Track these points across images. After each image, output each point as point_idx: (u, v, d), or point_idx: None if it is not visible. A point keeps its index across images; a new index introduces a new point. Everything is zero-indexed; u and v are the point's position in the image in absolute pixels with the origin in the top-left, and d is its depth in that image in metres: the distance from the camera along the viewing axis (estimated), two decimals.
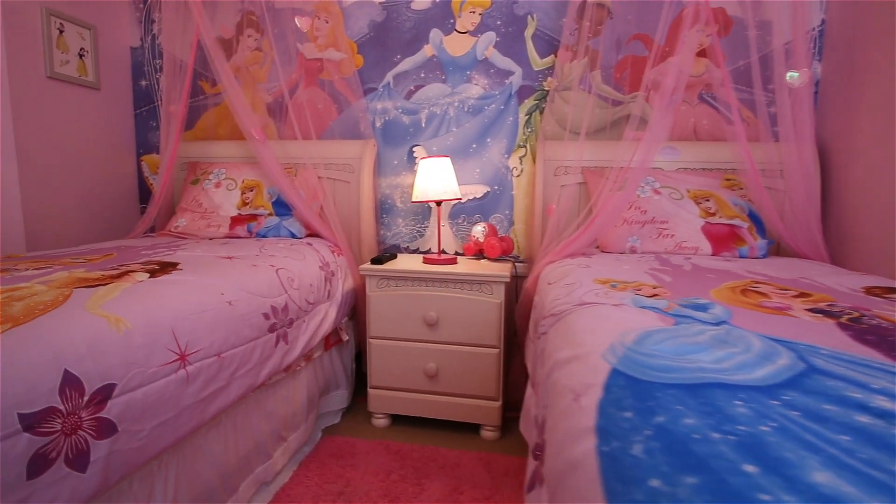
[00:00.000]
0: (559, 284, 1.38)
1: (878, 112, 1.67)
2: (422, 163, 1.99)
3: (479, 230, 2.12)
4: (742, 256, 1.74)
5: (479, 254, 2.12)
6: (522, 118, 2.21)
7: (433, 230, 2.32)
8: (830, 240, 1.85)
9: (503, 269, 1.84)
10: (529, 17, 2.16)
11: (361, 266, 1.92)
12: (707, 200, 1.85)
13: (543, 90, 2.18)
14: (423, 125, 2.29)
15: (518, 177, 2.24)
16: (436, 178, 1.94)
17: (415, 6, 2.24)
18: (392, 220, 2.36)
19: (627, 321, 0.92)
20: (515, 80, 2.20)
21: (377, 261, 1.94)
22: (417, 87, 2.28)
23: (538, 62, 2.18)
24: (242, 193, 2.14)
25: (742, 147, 1.81)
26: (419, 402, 1.89)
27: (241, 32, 2.39)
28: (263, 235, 2.05)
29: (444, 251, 2.28)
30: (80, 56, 2.23)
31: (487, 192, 2.26)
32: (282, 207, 2.12)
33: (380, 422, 1.94)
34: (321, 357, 1.86)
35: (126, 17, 2.49)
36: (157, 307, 1.11)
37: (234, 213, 2.10)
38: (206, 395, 1.17)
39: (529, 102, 2.20)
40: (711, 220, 1.80)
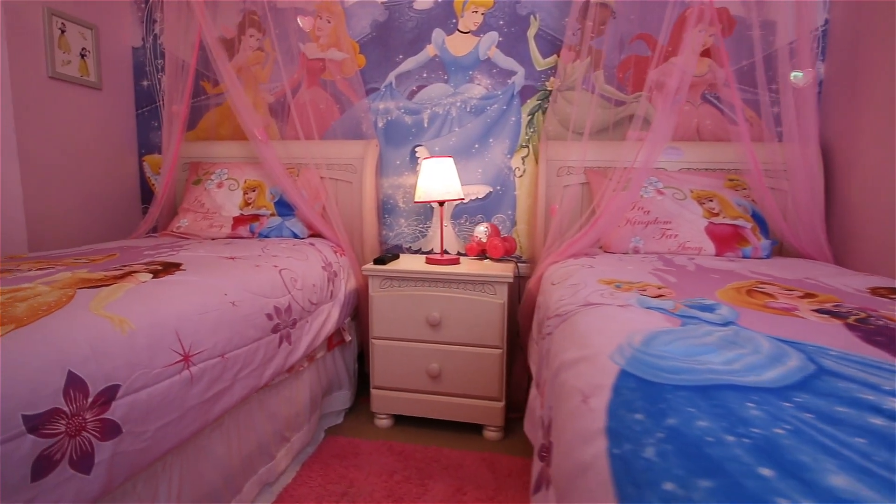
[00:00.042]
0: (563, 285, 1.38)
1: (882, 112, 1.66)
2: (424, 163, 1.99)
3: (482, 230, 2.11)
4: (745, 257, 1.73)
5: (482, 254, 2.12)
6: (525, 118, 2.21)
7: (435, 230, 2.31)
8: (833, 240, 1.85)
9: (506, 270, 1.84)
10: (532, 17, 2.15)
11: (364, 266, 1.92)
12: (710, 201, 1.85)
13: (546, 90, 2.18)
14: (426, 125, 2.29)
15: (520, 177, 2.23)
16: (439, 179, 1.94)
17: (417, 6, 2.24)
18: (394, 221, 2.35)
19: (634, 322, 0.91)
20: (518, 80, 2.20)
21: (380, 261, 1.94)
22: (420, 87, 2.28)
23: (541, 62, 2.17)
24: (245, 194, 2.14)
25: (746, 147, 1.81)
26: (422, 403, 1.89)
27: (243, 32, 2.39)
28: (266, 236, 2.04)
29: (447, 251, 2.28)
30: (82, 56, 2.23)
31: (490, 193, 2.26)
32: (284, 208, 2.12)
33: (382, 422, 1.94)
34: (324, 357, 1.85)
35: (128, 17, 2.49)
36: (161, 308, 1.11)
37: (237, 214, 2.09)
38: (210, 396, 1.16)
39: (532, 102, 2.20)
40: (715, 221, 1.80)
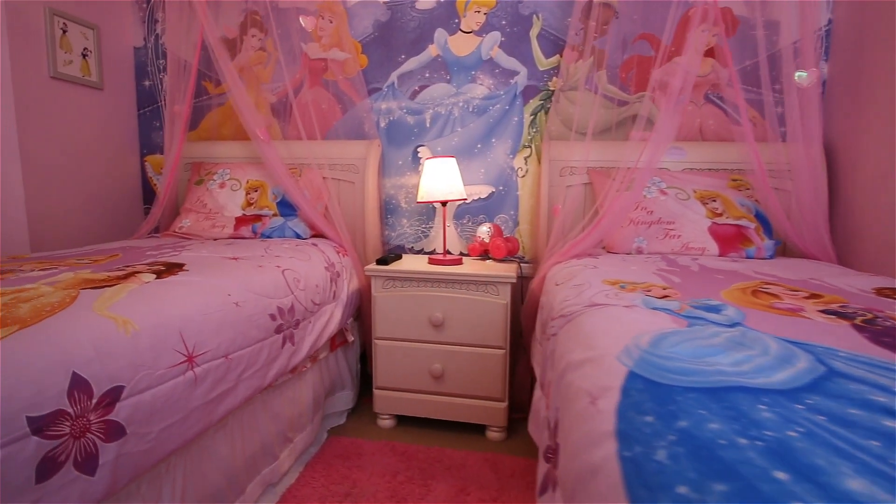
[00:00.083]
0: (567, 285, 1.38)
1: (885, 112, 1.66)
2: (427, 163, 1.98)
3: (485, 230, 2.11)
4: (749, 257, 1.73)
5: (485, 254, 2.12)
6: (527, 118, 2.20)
7: (438, 230, 2.31)
8: (836, 240, 1.84)
9: (509, 270, 1.84)
10: (535, 17, 2.15)
11: (367, 267, 1.91)
12: (713, 201, 1.85)
13: (549, 90, 2.17)
14: (428, 125, 2.28)
15: (523, 177, 2.23)
16: (441, 179, 1.93)
17: (419, 6, 2.23)
18: (396, 221, 2.35)
19: (640, 323, 0.91)
20: (520, 80, 2.19)
21: (382, 261, 1.93)
22: (422, 88, 2.27)
23: (543, 62, 2.17)
24: (247, 194, 2.13)
25: (750, 147, 1.80)
26: (425, 403, 1.88)
27: (245, 32, 2.38)
28: (268, 236, 2.04)
29: (449, 252, 2.27)
30: (84, 56, 2.22)
31: (492, 193, 2.26)
32: (286, 208, 2.11)
33: (385, 422, 1.94)
34: (327, 358, 1.85)
35: (129, 17, 2.48)
36: (165, 308, 1.10)
37: (239, 214, 2.09)
38: (214, 397, 1.16)
39: (534, 102, 2.19)
40: (718, 221, 1.80)
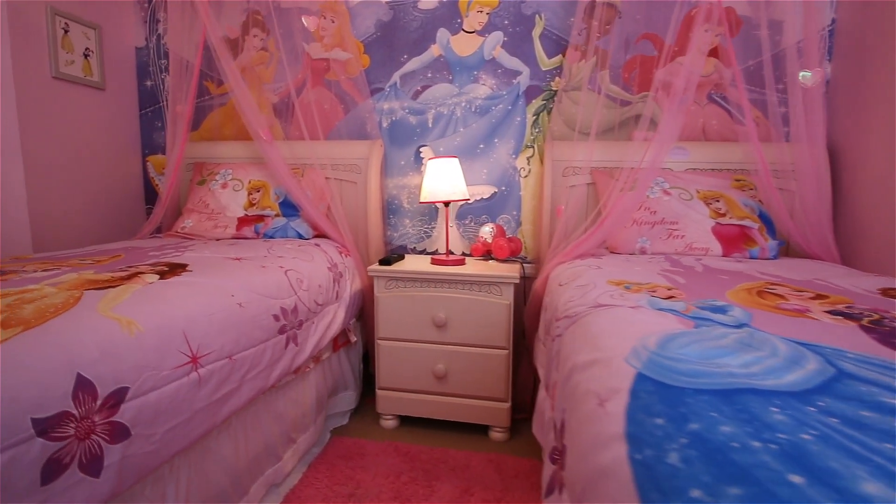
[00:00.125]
0: (571, 286, 1.37)
1: (889, 112, 1.65)
2: (430, 163, 1.98)
3: (487, 231, 2.11)
4: (753, 257, 1.73)
5: (487, 255, 2.11)
6: (530, 118, 2.20)
7: (440, 231, 2.30)
8: (840, 240, 1.84)
9: (512, 270, 1.83)
10: (537, 17, 2.15)
11: (370, 267, 1.91)
12: (717, 201, 1.84)
13: (551, 90, 2.17)
14: (430, 125, 2.28)
15: (525, 177, 2.23)
16: (444, 179, 1.93)
17: (422, 6, 2.23)
18: (399, 221, 2.34)
19: (647, 324, 0.91)
20: (523, 80, 2.19)
21: (385, 262, 1.93)
22: (424, 88, 2.27)
23: (546, 62, 2.16)
24: (249, 194, 2.13)
25: (754, 147, 1.80)
26: (427, 404, 1.88)
27: (247, 32, 2.38)
28: (271, 236, 2.04)
29: (452, 252, 2.27)
30: (85, 56, 2.22)
31: (495, 193, 2.25)
32: (289, 208, 2.11)
33: (388, 423, 1.93)
34: (329, 358, 1.85)
35: (131, 17, 2.48)
36: (168, 309, 1.10)
37: (241, 214, 2.09)
38: (218, 398, 1.16)
39: (537, 102, 2.19)
40: (722, 221, 1.79)
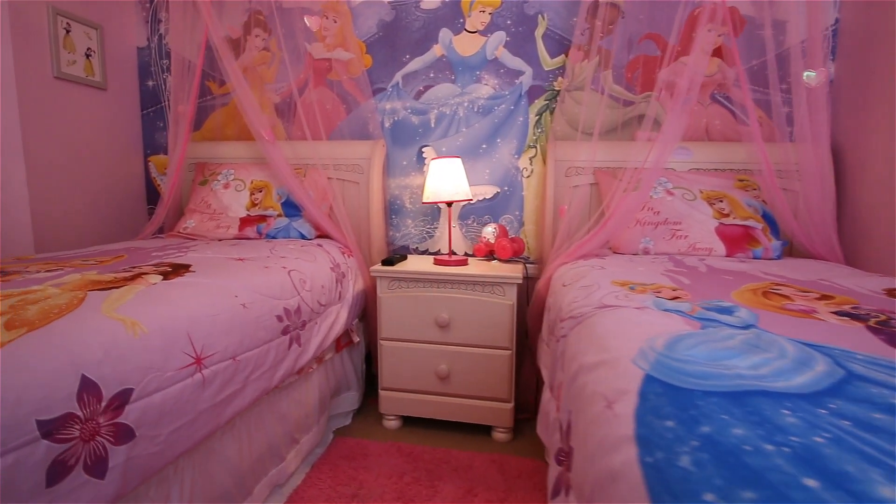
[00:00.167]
0: (575, 286, 1.37)
1: (892, 112, 1.65)
2: (433, 163, 1.98)
3: (490, 231, 2.10)
4: (756, 258, 1.72)
5: (490, 255, 2.11)
6: (533, 118, 2.20)
7: (443, 231, 2.30)
8: (843, 240, 1.84)
9: (515, 271, 1.83)
10: (540, 17, 2.14)
11: (372, 268, 1.91)
12: (720, 201, 1.84)
13: (554, 90, 2.16)
14: (433, 125, 2.28)
15: (528, 177, 2.22)
16: (447, 179, 1.93)
17: (424, 6, 2.22)
18: (401, 221, 2.34)
19: (653, 325, 0.90)
20: (526, 80, 2.18)
21: (388, 262, 1.93)
22: (427, 88, 2.27)
23: (549, 62, 2.16)
24: (251, 194, 2.13)
25: (758, 147, 1.80)
26: (430, 404, 1.88)
27: (249, 32, 2.38)
28: (273, 236, 2.03)
29: (454, 252, 2.27)
30: (87, 56, 2.22)
31: (497, 193, 2.25)
32: (291, 208, 2.11)
33: (391, 423, 1.93)
34: (332, 359, 1.84)
35: (132, 17, 2.48)
36: (172, 310, 1.10)
37: (244, 215, 2.08)
38: (222, 399, 1.15)
39: (540, 103, 2.19)
40: (725, 221, 1.79)
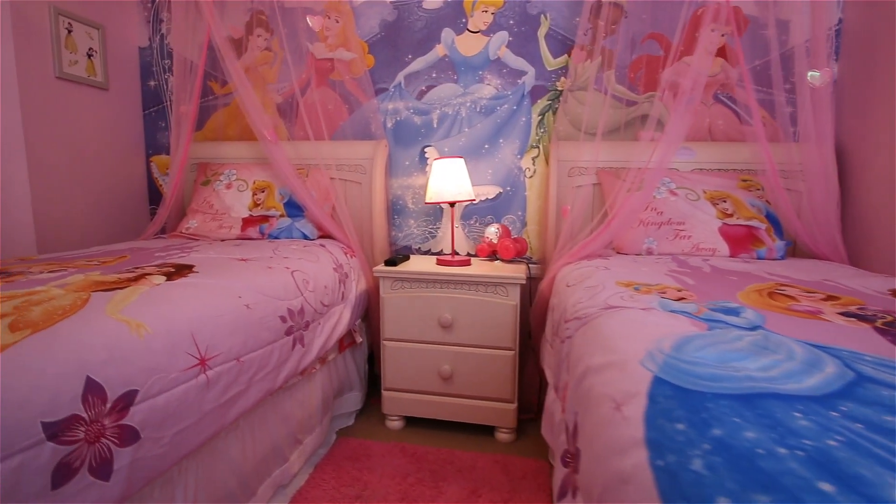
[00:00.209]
0: (580, 287, 1.37)
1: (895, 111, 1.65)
2: (435, 164, 1.97)
3: (493, 231, 2.10)
4: (760, 258, 1.72)
5: (493, 255, 2.11)
6: (535, 118, 2.19)
7: (445, 231, 2.30)
8: (847, 240, 1.83)
9: (518, 271, 1.83)
10: (542, 17, 2.14)
11: (375, 268, 1.90)
12: (724, 201, 1.83)
13: (557, 90, 2.16)
14: (435, 126, 2.27)
15: (531, 178, 2.22)
16: (450, 179, 1.92)
17: (426, 5, 2.22)
18: (404, 221, 2.34)
19: (660, 326, 0.90)
20: (528, 80, 2.18)
21: (391, 262, 1.92)
22: (429, 88, 2.26)
23: (551, 62, 2.16)
24: (254, 194, 2.12)
25: (762, 147, 1.79)
26: (433, 405, 1.87)
27: (251, 32, 2.37)
28: (276, 237, 2.03)
29: (457, 252, 2.26)
30: (89, 56, 2.21)
31: (500, 193, 2.24)
32: (293, 209, 2.10)
33: (394, 424, 1.93)
34: (335, 359, 1.84)
35: (134, 17, 2.47)
36: (176, 311, 1.09)
37: (246, 215, 2.08)
38: (227, 400, 1.15)
39: (542, 103, 2.18)
40: (729, 222, 1.78)
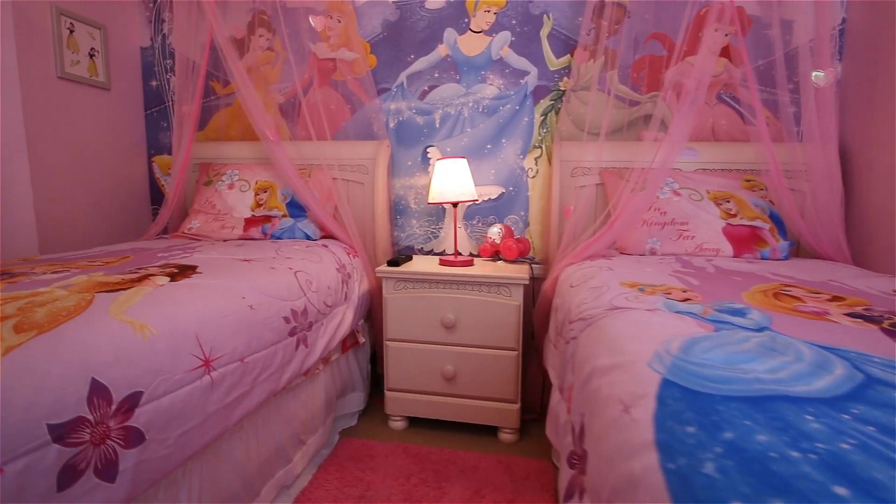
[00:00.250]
0: (584, 287, 1.36)
1: None
2: (438, 164, 1.97)
3: (496, 231, 2.10)
4: (764, 258, 1.72)
5: (495, 255, 2.10)
6: (538, 119, 2.19)
7: (447, 231, 2.30)
8: (851, 240, 1.83)
9: (521, 271, 1.82)
10: (545, 17, 2.13)
11: (378, 268, 1.90)
12: (727, 202, 1.83)
13: (559, 90, 2.16)
14: (438, 126, 2.27)
15: (533, 178, 2.22)
16: (452, 180, 1.92)
17: (428, 5, 2.22)
18: (406, 222, 2.34)
19: (666, 327, 0.90)
20: (531, 80, 2.18)
21: (394, 263, 1.92)
22: (431, 88, 2.26)
23: (554, 62, 2.15)
24: (256, 195, 2.12)
25: (766, 147, 1.79)
26: (436, 405, 1.87)
27: (253, 32, 2.37)
28: (278, 237, 2.03)
29: (460, 253, 2.26)
30: (91, 56, 2.21)
31: (502, 194, 2.24)
32: (296, 209, 2.10)
33: (397, 424, 1.93)
34: (338, 360, 1.84)
35: (136, 17, 2.47)
36: (180, 312, 1.09)
37: (248, 215, 2.08)
38: (231, 401, 1.15)
39: (545, 103, 2.18)
40: (732, 222, 1.78)
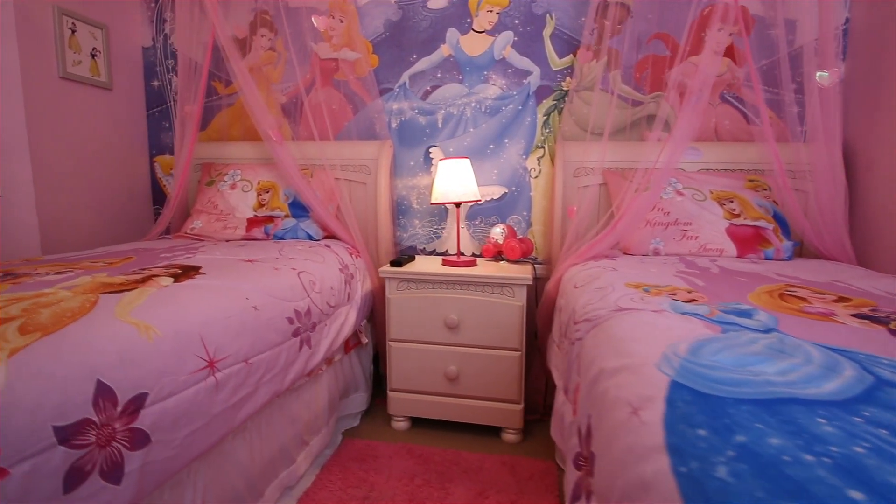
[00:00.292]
0: (588, 288, 1.36)
1: None
2: (441, 164, 1.97)
3: (499, 232, 2.09)
4: (768, 258, 1.71)
5: (498, 255, 2.10)
6: (540, 119, 2.19)
7: (450, 231, 2.29)
8: (854, 241, 1.83)
9: (525, 272, 1.82)
10: (548, 17, 2.13)
11: (381, 269, 1.90)
12: (731, 202, 1.83)
13: (562, 90, 2.15)
14: (440, 126, 2.26)
15: (536, 178, 2.21)
16: (455, 180, 1.92)
17: (431, 5, 2.21)
18: (408, 222, 2.33)
19: (673, 329, 0.89)
20: (533, 80, 2.17)
21: (396, 263, 1.92)
22: (434, 88, 2.25)
23: (557, 62, 2.15)
24: (258, 195, 2.12)
25: (770, 147, 1.79)
26: (440, 405, 1.87)
27: (255, 32, 2.37)
28: (281, 237, 2.03)
29: (463, 253, 2.26)
30: (93, 56, 2.21)
31: (505, 194, 2.24)
32: (298, 209, 2.10)
33: (400, 425, 1.92)
34: (341, 360, 1.84)
35: (138, 17, 2.47)
36: (185, 313, 1.09)
37: (251, 215, 2.08)
38: (235, 402, 1.15)
39: (548, 103, 2.17)
40: (736, 222, 1.78)
